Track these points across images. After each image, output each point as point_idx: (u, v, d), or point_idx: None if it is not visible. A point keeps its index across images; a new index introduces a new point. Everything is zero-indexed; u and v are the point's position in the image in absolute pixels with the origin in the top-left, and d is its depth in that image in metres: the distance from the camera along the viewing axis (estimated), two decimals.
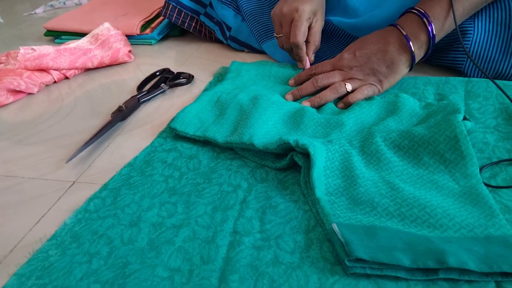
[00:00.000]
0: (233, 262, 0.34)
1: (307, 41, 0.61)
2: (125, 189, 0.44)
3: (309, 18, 0.60)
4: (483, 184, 0.38)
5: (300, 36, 0.59)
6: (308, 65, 0.62)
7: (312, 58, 0.62)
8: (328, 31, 0.68)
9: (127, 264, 0.35)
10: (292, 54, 0.63)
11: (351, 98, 0.54)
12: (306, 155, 0.43)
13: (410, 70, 0.55)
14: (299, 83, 0.59)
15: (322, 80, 0.56)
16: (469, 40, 0.58)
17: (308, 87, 0.56)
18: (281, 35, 0.62)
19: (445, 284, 0.31)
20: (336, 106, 0.54)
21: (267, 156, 0.46)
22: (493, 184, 0.40)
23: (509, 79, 0.57)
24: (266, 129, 0.49)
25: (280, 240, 0.36)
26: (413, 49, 0.52)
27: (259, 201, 0.41)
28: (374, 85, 0.55)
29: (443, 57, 0.62)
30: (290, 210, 0.39)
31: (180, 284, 0.33)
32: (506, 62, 0.57)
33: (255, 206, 0.40)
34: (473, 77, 0.59)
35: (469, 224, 0.35)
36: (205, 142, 0.50)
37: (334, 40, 0.68)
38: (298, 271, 0.33)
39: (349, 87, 0.54)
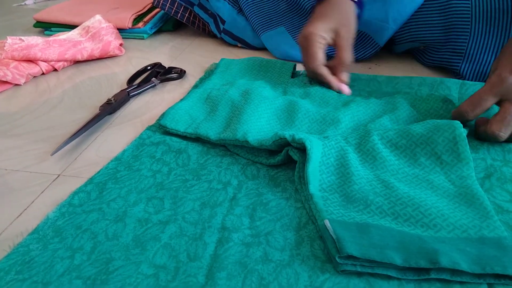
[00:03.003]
0: (221, 259, 0.33)
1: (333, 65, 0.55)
2: (111, 183, 0.42)
3: (324, 39, 0.53)
4: (478, 185, 0.38)
5: (311, 61, 0.53)
6: (344, 88, 0.54)
7: (345, 78, 0.55)
8: None
9: (111, 260, 0.34)
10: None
11: None
12: (301, 150, 0.42)
13: None
14: None
15: (502, 129, 0.42)
16: (465, 43, 0.58)
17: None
18: None
19: (437, 283, 0.30)
20: None
21: (260, 153, 0.45)
22: (487, 184, 0.39)
23: None
24: (260, 126, 0.48)
25: (270, 237, 0.35)
26: None
27: (249, 198, 0.40)
28: None
29: (439, 58, 0.62)
30: (281, 207, 0.39)
31: (165, 282, 0.32)
32: None
33: (245, 203, 0.39)
34: (469, 78, 0.58)
35: (463, 224, 0.34)
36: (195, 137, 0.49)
37: None
38: (288, 268, 0.32)
39: None
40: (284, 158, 0.43)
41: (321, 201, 0.37)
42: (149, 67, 0.68)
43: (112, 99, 0.57)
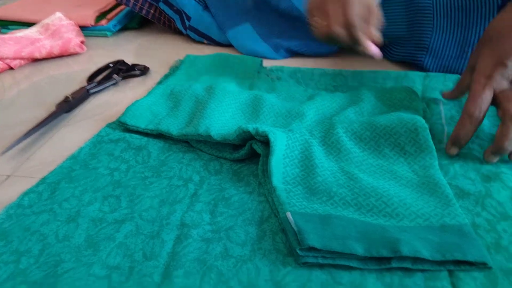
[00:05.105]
0: (178, 257, 0.32)
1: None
2: (65, 183, 0.40)
3: None
4: (440, 174, 0.38)
5: (354, 11, 0.44)
6: (373, 48, 0.46)
7: (378, 36, 0.46)
8: None
9: (60, 262, 0.32)
10: (342, 41, 0.46)
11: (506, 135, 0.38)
12: (265, 143, 0.41)
13: None
14: (462, 143, 0.41)
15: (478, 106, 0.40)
16: (428, 37, 0.58)
17: (465, 130, 0.40)
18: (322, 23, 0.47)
19: (399, 272, 0.30)
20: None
21: (224, 148, 0.44)
22: (452, 171, 0.39)
23: None
24: (224, 120, 0.46)
25: (231, 232, 0.34)
26: None
27: (211, 193, 0.38)
28: None
29: (403, 53, 0.62)
30: (243, 202, 0.37)
31: (119, 283, 0.30)
32: (462, 60, 0.57)
33: (207, 199, 0.38)
34: (433, 71, 0.59)
35: (425, 213, 0.34)
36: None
37: None
38: (249, 263, 0.31)
39: None
40: (248, 152, 0.42)
41: (284, 193, 0.36)
42: (111, 64, 0.66)
43: (69, 96, 0.54)
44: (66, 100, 0.54)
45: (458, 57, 0.58)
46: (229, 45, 0.72)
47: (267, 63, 0.64)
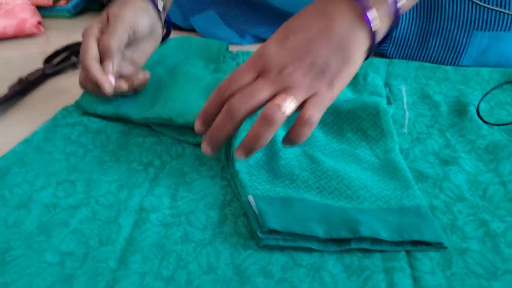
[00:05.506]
0: (136, 242, 0.31)
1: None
2: (16, 168, 0.38)
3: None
4: (401, 158, 0.39)
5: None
6: (110, 81, 0.43)
7: (110, 69, 0.43)
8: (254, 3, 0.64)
9: (9, 249, 0.30)
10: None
11: (299, 130, 0.32)
12: None
13: (366, 58, 0.36)
14: (211, 120, 0.34)
15: (240, 106, 0.32)
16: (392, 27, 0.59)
17: (223, 125, 0.32)
18: None
19: (358, 254, 0.30)
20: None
21: (186, 131, 0.43)
22: (412, 156, 0.40)
23: None
24: (187, 104, 0.45)
25: (191, 216, 0.33)
26: (373, 19, 0.33)
27: (171, 178, 0.37)
28: (324, 94, 0.33)
29: None
30: (205, 186, 0.36)
31: (72, 269, 0.29)
32: (425, 49, 0.58)
33: (167, 183, 0.37)
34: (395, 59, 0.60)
35: (385, 196, 0.34)
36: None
37: (262, 14, 0.65)
38: (209, 247, 0.31)
39: (288, 108, 0.31)
40: None
41: (246, 177, 0.35)
42: (69, 46, 0.63)
43: (24, 78, 0.51)
44: (19, 81, 0.51)
45: (419, 47, 0.59)
46: (192, 30, 0.71)
47: (232, 48, 0.63)
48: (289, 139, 0.33)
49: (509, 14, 0.51)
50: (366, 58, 0.36)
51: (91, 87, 0.44)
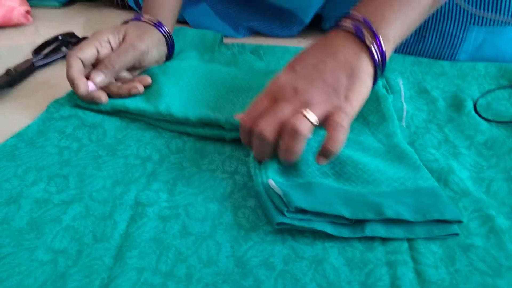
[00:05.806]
0: (132, 238, 0.30)
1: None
2: (6, 161, 0.37)
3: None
4: (404, 142, 0.39)
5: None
6: (86, 83, 0.42)
7: (97, 80, 0.43)
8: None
9: None
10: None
11: (333, 136, 0.32)
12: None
13: (374, 84, 0.37)
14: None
15: (266, 125, 0.32)
16: None
17: (260, 151, 0.34)
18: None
19: (360, 247, 0.30)
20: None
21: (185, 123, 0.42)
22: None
23: None
24: (185, 96, 0.44)
25: (190, 208, 0.32)
26: (372, 46, 0.35)
27: (170, 172, 0.36)
28: (343, 106, 0.34)
29: None
30: (205, 180, 0.36)
31: (65, 267, 0.28)
32: (421, 44, 0.58)
33: (165, 178, 0.36)
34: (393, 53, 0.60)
35: (400, 177, 0.34)
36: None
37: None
38: (209, 240, 0.30)
39: (311, 117, 0.32)
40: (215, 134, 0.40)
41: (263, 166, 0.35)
42: (60, 37, 0.61)
43: (12, 69, 0.50)
44: (7, 73, 0.49)
45: (416, 42, 0.58)
46: (186, 22, 0.69)
47: (228, 40, 0.61)
48: (325, 150, 0.32)
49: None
50: (374, 83, 0.37)
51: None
